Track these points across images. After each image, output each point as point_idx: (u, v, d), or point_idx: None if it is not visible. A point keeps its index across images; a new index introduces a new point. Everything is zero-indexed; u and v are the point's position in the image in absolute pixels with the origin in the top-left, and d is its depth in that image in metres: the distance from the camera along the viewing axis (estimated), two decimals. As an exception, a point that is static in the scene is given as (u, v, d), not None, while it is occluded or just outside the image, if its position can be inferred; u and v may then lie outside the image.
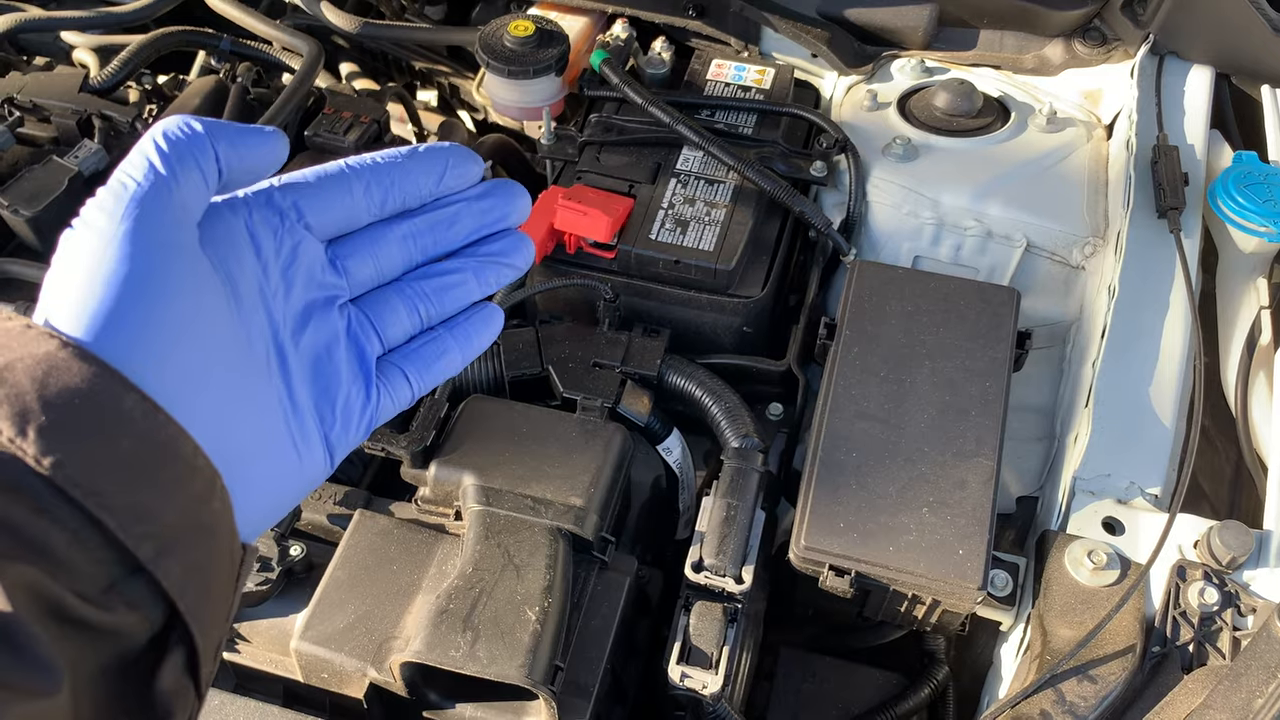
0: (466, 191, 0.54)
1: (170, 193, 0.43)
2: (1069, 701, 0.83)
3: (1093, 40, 1.33)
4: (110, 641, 0.38)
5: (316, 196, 0.49)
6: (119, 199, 0.42)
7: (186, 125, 0.45)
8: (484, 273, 0.55)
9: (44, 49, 1.53)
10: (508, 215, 0.55)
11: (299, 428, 0.47)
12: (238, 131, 0.46)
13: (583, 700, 0.85)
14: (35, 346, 0.38)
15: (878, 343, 1.03)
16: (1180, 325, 1.07)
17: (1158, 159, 1.17)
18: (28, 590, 0.36)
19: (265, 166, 0.48)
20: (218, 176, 0.45)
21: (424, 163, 0.52)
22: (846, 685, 1.05)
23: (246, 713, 0.88)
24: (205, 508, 0.41)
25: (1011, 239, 1.18)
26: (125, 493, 0.38)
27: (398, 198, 0.52)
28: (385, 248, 0.52)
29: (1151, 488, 0.97)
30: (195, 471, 0.41)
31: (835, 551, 0.90)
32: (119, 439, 0.39)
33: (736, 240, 1.13)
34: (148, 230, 0.42)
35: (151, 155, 0.43)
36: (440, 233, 0.54)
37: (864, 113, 1.30)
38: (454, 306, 0.55)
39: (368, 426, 0.51)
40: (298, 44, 1.40)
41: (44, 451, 0.36)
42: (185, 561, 0.40)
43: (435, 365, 0.54)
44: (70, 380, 0.38)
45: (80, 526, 0.37)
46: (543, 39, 1.31)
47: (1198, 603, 0.87)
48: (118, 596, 0.38)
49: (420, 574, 0.91)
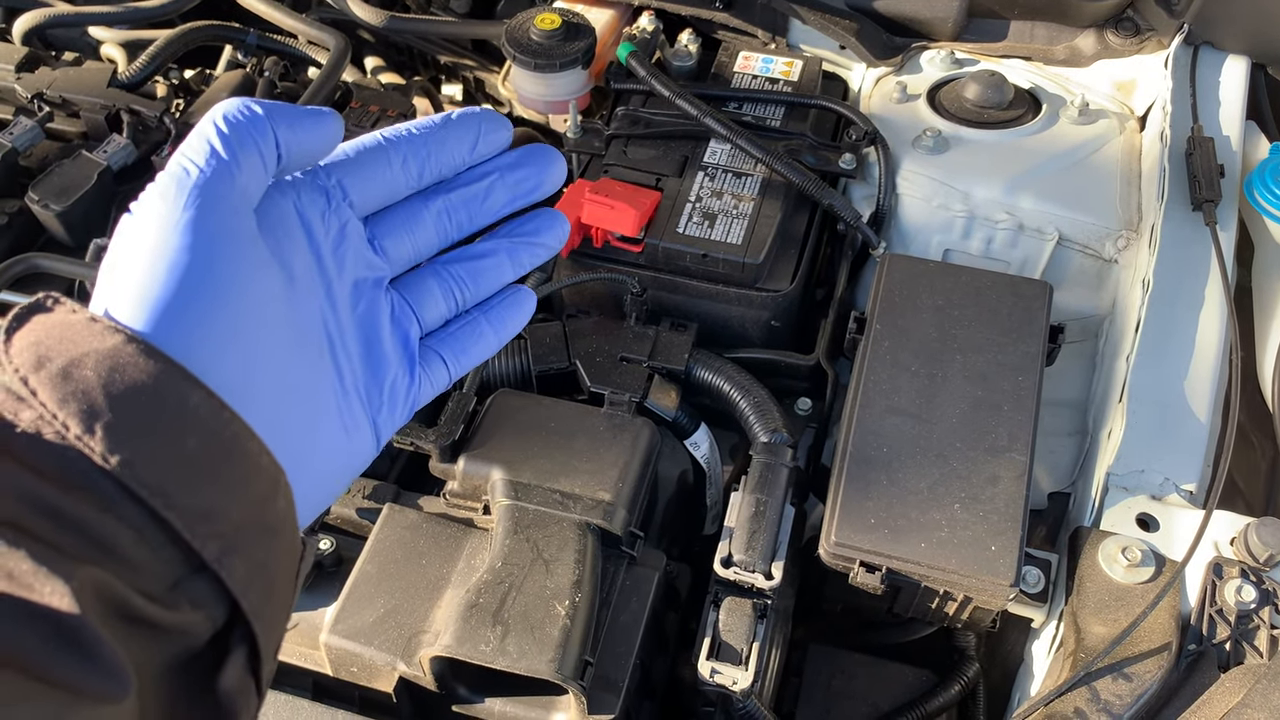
0: (498, 160, 0.54)
1: (232, 179, 0.42)
2: (1104, 700, 0.82)
3: (1125, 31, 1.31)
4: (174, 641, 0.38)
5: (358, 172, 0.49)
6: (181, 185, 0.42)
7: (247, 108, 0.44)
8: (518, 253, 0.55)
9: (72, 44, 1.54)
10: (541, 184, 0.55)
11: (349, 411, 0.47)
12: (296, 114, 0.45)
13: (612, 695, 0.85)
14: (101, 341, 0.38)
15: (908, 337, 1.02)
16: (1215, 319, 1.05)
17: (1192, 151, 1.16)
18: (96, 591, 0.35)
19: (322, 149, 0.47)
20: (276, 160, 0.45)
21: (458, 130, 0.51)
22: (876, 682, 1.04)
23: (276, 706, 0.88)
24: (270, 506, 0.41)
25: (1043, 232, 1.17)
26: (191, 492, 0.38)
27: (434, 168, 0.51)
28: (421, 226, 0.52)
29: (1186, 484, 0.95)
30: (260, 470, 0.41)
31: (865, 547, 0.89)
32: (185, 437, 0.38)
33: (765, 234, 1.13)
34: (210, 218, 0.41)
35: (213, 139, 0.43)
36: (475, 207, 0.53)
37: (893, 105, 1.29)
38: (488, 289, 0.55)
39: (410, 409, 0.51)
40: (324, 38, 1.40)
41: (111, 450, 0.36)
42: (249, 560, 0.40)
43: (471, 349, 0.54)
44: (137, 377, 0.37)
45: (145, 525, 0.37)
46: (569, 32, 1.30)
47: (1234, 600, 0.85)
48: (182, 595, 0.38)
49: (449, 568, 0.91)
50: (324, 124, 0.46)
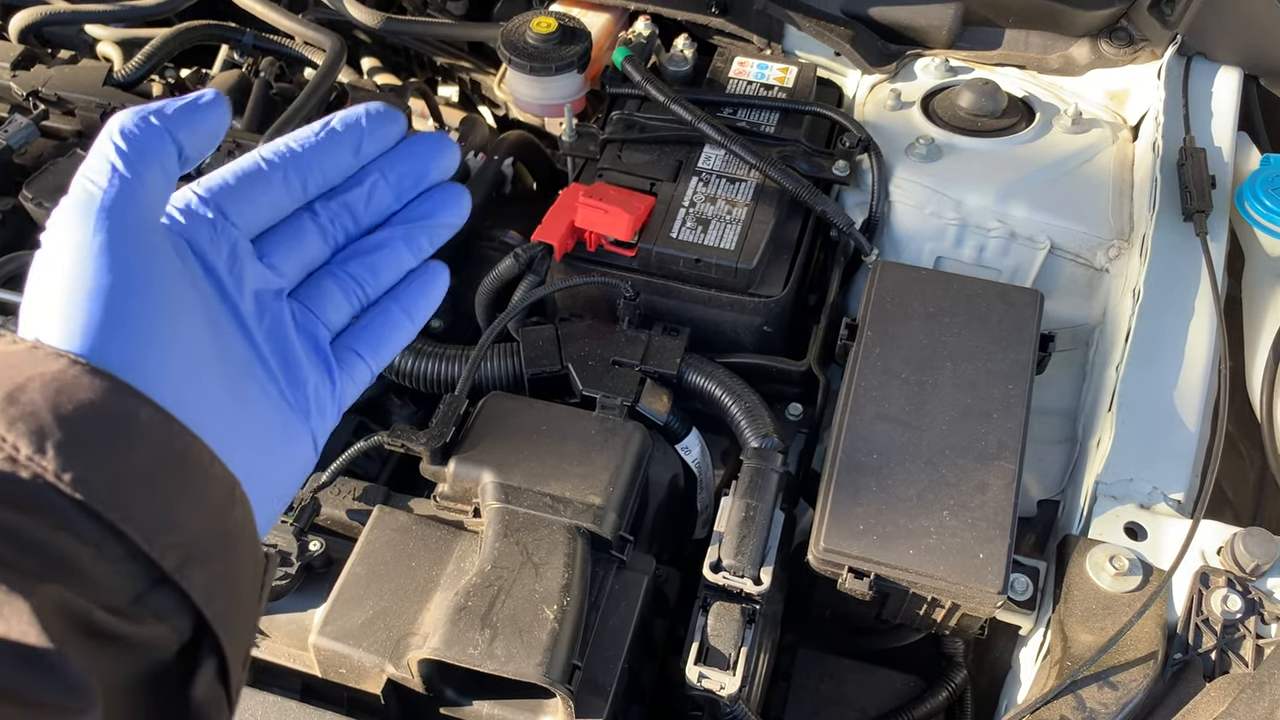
0: (381, 160, 0.53)
1: (136, 195, 0.43)
2: (1089, 708, 0.82)
3: (1119, 40, 1.31)
4: (141, 654, 0.38)
5: (238, 196, 0.49)
6: (87, 208, 0.42)
7: (143, 120, 0.44)
8: (415, 238, 0.54)
9: (69, 42, 1.54)
10: (426, 175, 0.54)
11: (284, 420, 0.48)
12: (186, 111, 0.45)
13: (600, 699, 0.85)
14: (45, 365, 0.38)
15: (899, 344, 1.02)
16: (1205, 329, 1.06)
17: (1184, 161, 1.16)
18: (57, 608, 0.35)
19: (217, 135, 0.47)
20: (179, 164, 0.45)
21: (339, 138, 0.51)
22: (864, 687, 1.05)
23: (264, 707, 0.88)
24: (228, 515, 0.41)
25: (1035, 240, 1.17)
26: (147, 504, 0.38)
27: (318, 180, 0.51)
28: (306, 237, 0.52)
29: (1174, 493, 0.96)
30: (214, 480, 0.41)
31: (854, 554, 0.89)
32: (137, 451, 0.39)
33: (758, 239, 1.13)
34: (123, 238, 0.41)
35: (113, 157, 0.43)
36: (359, 210, 0.53)
37: (887, 112, 1.29)
38: (390, 279, 0.54)
39: (338, 410, 0.51)
40: (320, 39, 1.40)
41: (64, 467, 0.36)
42: (210, 570, 0.40)
43: (388, 338, 0.54)
44: (84, 396, 0.38)
45: (104, 540, 0.37)
46: (565, 35, 1.31)
47: (1221, 610, 0.86)
48: (145, 608, 0.38)
49: (439, 570, 0.91)
50: (215, 112, 0.46)
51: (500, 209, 1.39)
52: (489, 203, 1.37)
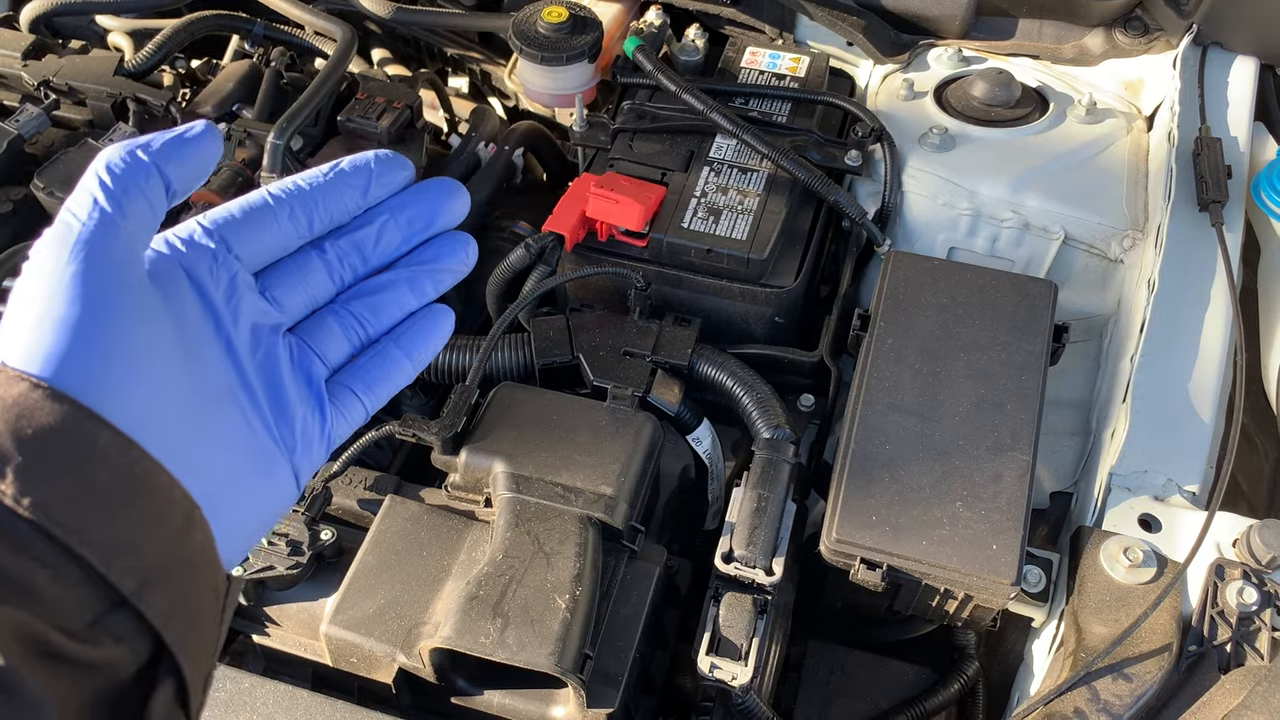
0: (391, 200, 0.54)
1: (116, 230, 0.43)
2: (1103, 700, 0.82)
3: (1134, 30, 1.30)
4: (98, 676, 0.39)
5: (243, 231, 0.49)
6: (64, 239, 0.42)
7: (130, 155, 0.44)
8: (419, 282, 0.55)
9: (79, 32, 1.54)
10: (434, 221, 0.55)
11: (263, 453, 0.47)
12: (175, 145, 0.46)
13: (611, 689, 0.85)
14: (6, 390, 0.39)
15: (912, 335, 1.02)
16: (1221, 320, 1.05)
17: (1200, 151, 1.15)
18: (14, 631, 0.36)
19: (207, 166, 0.48)
20: (165, 198, 0.45)
21: (348, 179, 0.52)
22: (875, 679, 1.05)
23: (275, 696, 0.88)
24: (186, 539, 0.42)
25: (1049, 231, 1.16)
26: (105, 528, 0.38)
27: (324, 219, 0.52)
28: (313, 274, 0.52)
29: (1189, 485, 0.95)
30: (173, 503, 0.42)
31: (867, 544, 0.89)
32: (95, 475, 0.39)
33: (769, 230, 1.12)
34: (96, 271, 0.42)
35: (96, 191, 0.43)
36: (367, 250, 0.54)
37: (900, 102, 1.28)
38: (391, 319, 0.55)
39: (328, 447, 0.51)
40: (331, 29, 1.40)
41: (22, 492, 0.37)
42: (169, 593, 0.40)
43: (385, 378, 0.54)
44: (44, 420, 0.38)
45: (61, 563, 0.37)
46: (576, 25, 1.30)
47: (1236, 602, 0.85)
48: (103, 631, 0.39)
49: (450, 560, 0.91)
50: (204, 145, 0.47)
51: (510, 200, 1.39)
52: (499, 193, 1.36)
